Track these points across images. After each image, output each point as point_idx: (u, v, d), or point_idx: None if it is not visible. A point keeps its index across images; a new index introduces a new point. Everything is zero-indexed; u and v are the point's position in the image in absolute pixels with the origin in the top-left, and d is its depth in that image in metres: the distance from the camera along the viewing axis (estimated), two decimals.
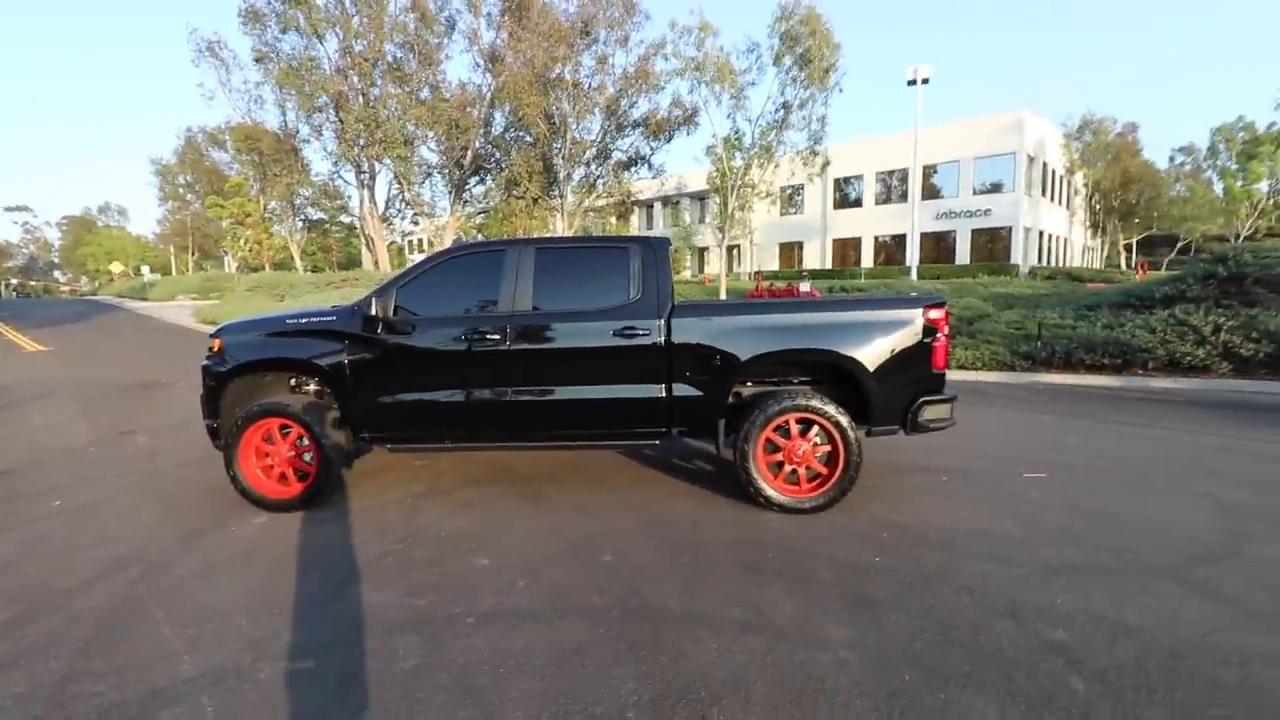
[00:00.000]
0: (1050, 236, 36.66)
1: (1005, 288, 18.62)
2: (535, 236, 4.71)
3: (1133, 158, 39.68)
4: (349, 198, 28.94)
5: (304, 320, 4.14)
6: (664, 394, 3.91)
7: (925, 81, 21.49)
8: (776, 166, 24.11)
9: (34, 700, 2.22)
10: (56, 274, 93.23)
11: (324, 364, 4.00)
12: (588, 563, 3.25)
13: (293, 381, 4.45)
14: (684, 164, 27.21)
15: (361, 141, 22.66)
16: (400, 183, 23.41)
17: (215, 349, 4.18)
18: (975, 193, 33.62)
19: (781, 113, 21.93)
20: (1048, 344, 10.37)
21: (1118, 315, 10.85)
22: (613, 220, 42.78)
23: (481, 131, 22.75)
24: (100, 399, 8.39)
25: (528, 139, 22.28)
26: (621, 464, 5.04)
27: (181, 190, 47.59)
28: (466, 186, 24.62)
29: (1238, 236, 38.19)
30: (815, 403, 3.80)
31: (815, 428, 3.87)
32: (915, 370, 3.88)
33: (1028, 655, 2.37)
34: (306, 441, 4.06)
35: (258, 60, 22.21)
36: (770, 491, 3.86)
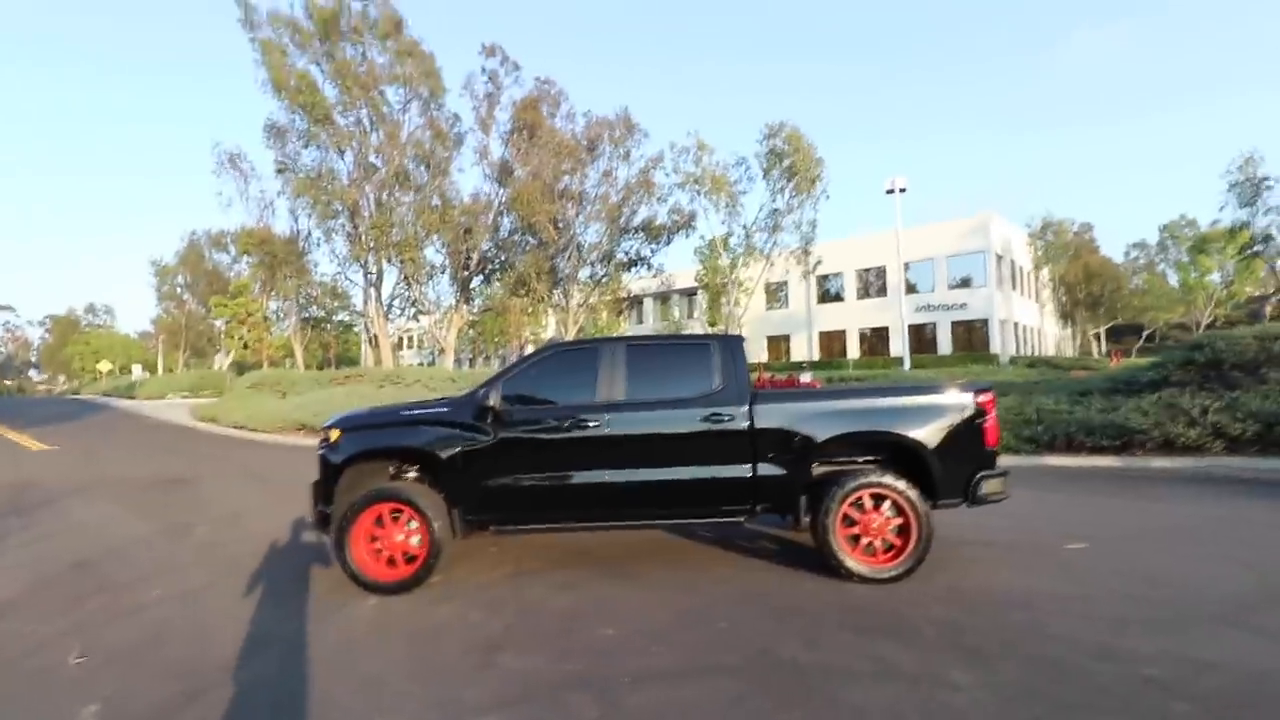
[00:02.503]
0: (1024, 327, 38.63)
1: (995, 376, 19.53)
2: (622, 335, 5.24)
3: (1092, 254, 42.77)
4: (352, 297, 29.95)
5: (418, 412, 4.55)
6: (750, 474, 4.33)
7: (903, 190, 23.68)
8: (771, 264, 25.73)
9: None
10: (32, 372, 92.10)
11: (439, 451, 4.38)
12: (706, 629, 3.53)
13: (392, 470, 4.80)
14: (676, 263, 28.85)
15: (372, 245, 23.83)
16: (409, 283, 24.44)
17: (333, 439, 4.55)
18: (951, 288, 35.70)
19: (772, 218, 23.81)
20: (1048, 428, 10.98)
21: (1110, 400, 11.57)
22: (603, 316, 44.25)
23: (489, 236, 24.15)
24: (134, 495, 8.47)
25: (533, 242, 23.69)
26: (689, 546, 5.33)
27: (179, 290, 48.68)
28: (470, 285, 25.73)
29: (1198, 324, 40.49)
30: (888, 479, 4.24)
31: (887, 502, 4.28)
32: (971, 448, 4.37)
33: (1132, 688, 2.72)
34: (415, 525, 4.36)
35: (279, 172, 23.77)
36: (851, 563, 4.21)
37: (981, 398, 4.43)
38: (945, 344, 35.67)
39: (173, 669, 3.24)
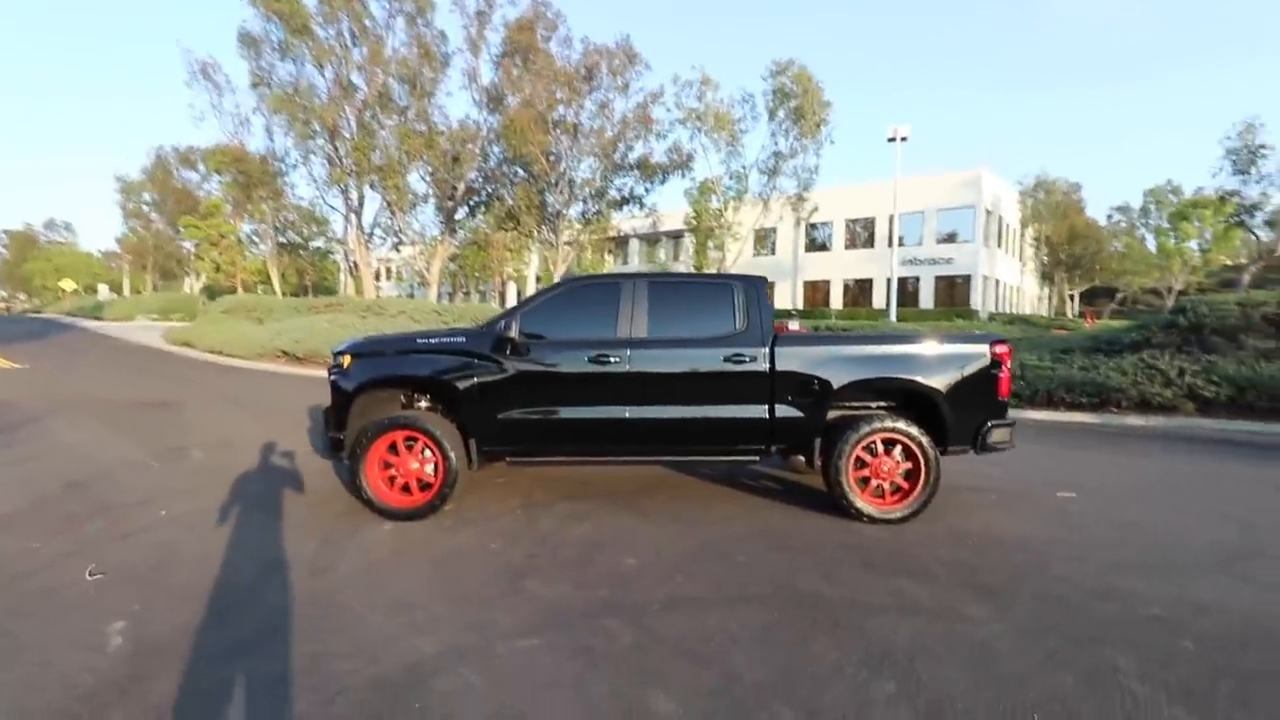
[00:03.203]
0: (1005, 285, 39.07)
1: (979, 331, 19.82)
2: (643, 272, 5.14)
3: (1078, 215, 42.95)
4: (331, 223, 28.92)
5: (434, 340, 4.45)
6: (768, 415, 4.36)
7: (904, 139, 23.25)
8: (767, 209, 25.41)
9: (305, 676, 2.45)
10: None
11: (456, 382, 4.31)
12: (725, 562, 3.62)
13: (403, 398, 4.74)
14: (665, 204, 28.27)
15: (353, 169, 22.83)
16: (392, 210, 23.58)
17: (345, 365, 4.45)
18: (938, 242, 35.74)
19: (773, 160, 23.31)
20: (1030, 384, 11.26)
21: (1091, 358, 11.86)
22: (588, 255, 43.58)
23: (476, 165, 23.25)
24: (118, 417, 8.28)
25: (523, 174, 22.90)
26: (693, 483, 5.41)
27: (146, 209, 46.38)
28: (455, 217, 24.95)
29: (1170, 290, 41.39)
30: (901, 424, 4.31)
31: (899, 447, 4.37)
32: (984, 398, 4.45)
33: (1138, 626, 2.87)
34: (429, 454, 4.34)
35: (255, 85, 22.35)
36: (860, 504, 4.32)
37: (998, 349, 4.47)
38: (927, 298, 35.98)
39: (191, 590, 3.22)
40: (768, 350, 4.36)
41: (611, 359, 4.33)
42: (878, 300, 37.18)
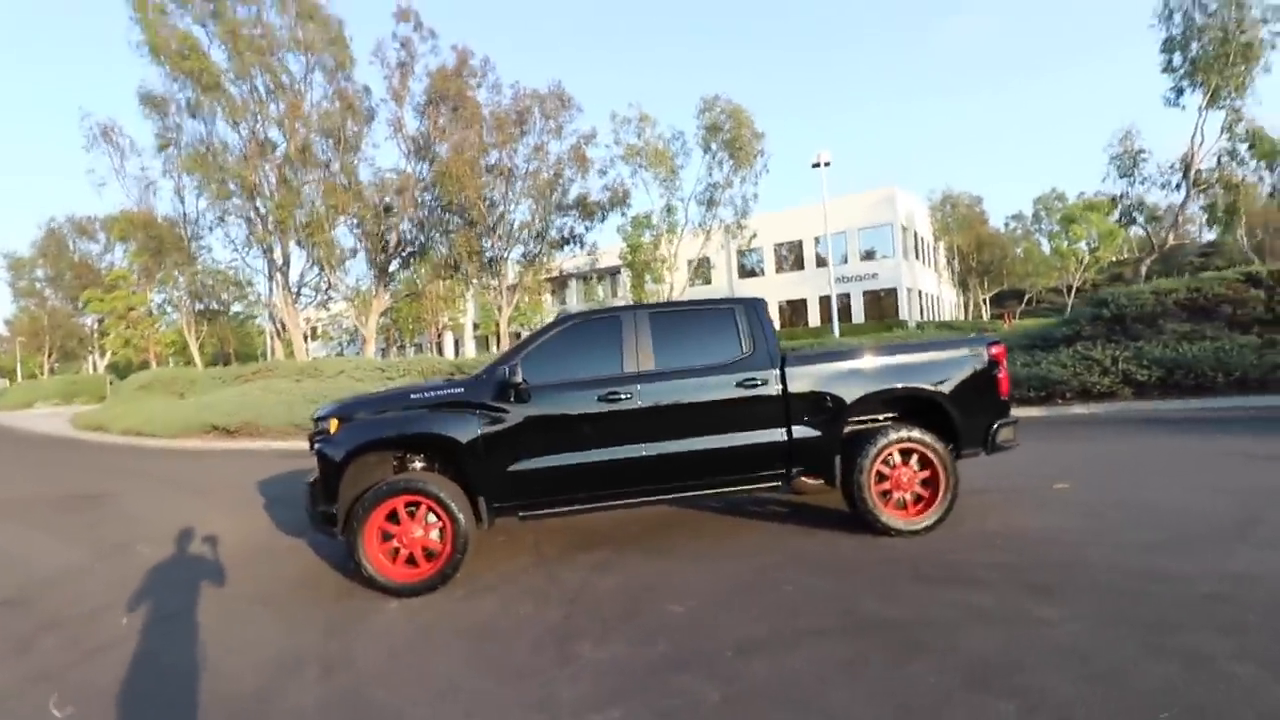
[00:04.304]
0: (927, 295, 41.32)
1: (917, 338, 20.74)
2: (640, 303, 5.00)
3: (982, 225, 46.30)
4: (254, 285, 27.43)
5: (430, 395, 4.14)
6: (786, 437, 4.27)
7: (827, 164, 24.48)
8: (708, 239, 26.02)
9: None
10: None
11: (459, 437, 4.01)
12: (774, 594, 3.46)
13: (394, 461, 4.39)
14: (601, 241, 28.51)
15: (274, 228, 21.84)
16: (322, 267, 22.59)
17: (331, 430, 4.06)
18: (861, 259, 37.53)
19: (709, 191, 23.99)
20: None
21: (1030, 355, 12.55)
22: (525, 298, 43.19)
23: (409, 215, 22.70)
24: (42, 516, 7.33)
25: (459, 221, 22.50)
26: (702, 517, 5.23)
27: (39, 285, 42.52)
28: (389, 270, 24.17)
29: (1070, 288, 44.87)
30: (917, 433, 4.32)
31: (915, 456, 4.37)
32: (988, 399, 4.53)
33: (1200, 605, 2.91)
34: (433, 519, 4.00)
35: (162, 148, 21.12)
36: (887, 518, 4.26)
37: (994, 350, 4.58)
38: (859, 313, 37.55)
39: (188, 710, 2.77)
40: (778, 371, 4.30)
41: (622, 395, 4.15)
42: (812, 319, 38.47)
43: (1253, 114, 24.25)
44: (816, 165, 24.02)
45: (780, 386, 4.28)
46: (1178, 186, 26.79)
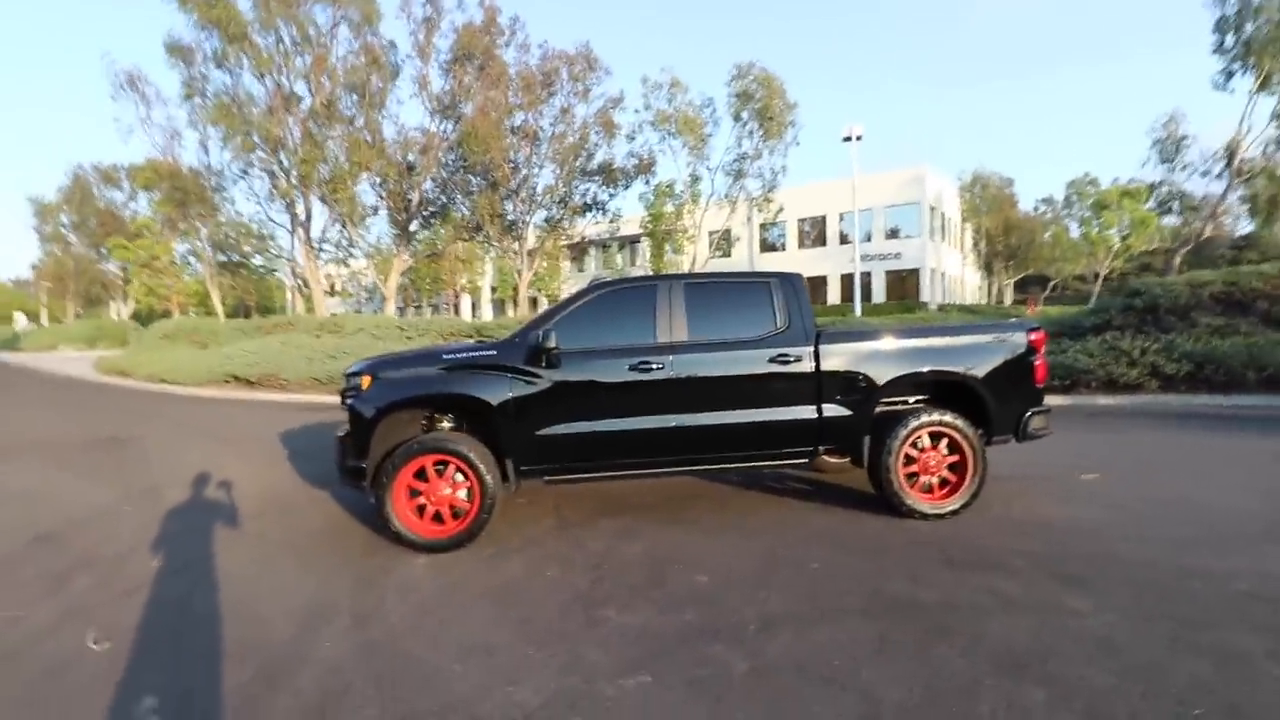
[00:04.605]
0: (950, 277, 40.61)
1: (943, 320, 20.45)
2: (677, 273, 4.96)
3: (1012, 208, 45.15)
4: (277, 239, 27.52)
5: (463, 355, 4.14)
6: (816, 415, 4.24)
7: (859, 138, 23.87)
8: (734, 211, 25.67)
9: None
10: None
11: (490, 399, 4.02)
12: (800, 571, 3.47)
13: (424, 419, 4.42)
14: (623, 208, 28.21)
15: (298, 182, 21.77)
16: (344, 223, 22.58)
17: (364, 386, 4.09)
18: (886, 238, 36.86)
19: (739, 163, 23.58)
20: None
21: (1057, 343, 12.33)
22: (542, 264, 43.07)
23: (432, 174, 22.52)
24: (71, 458, 7.52)
25: (482, 183, 22.29)
26: (723, 490, 5.25)
27: (65, 231, 43.01)
28: (410, 228, 24.11)
29: (1096, 276, 43.86)
30: (948, 417, 4.26)
31: (944, 440, 4.32)
32: (1023, 386, 4.45)
33: (1235, 602, 2.87)
34: (461, 478, 4.03)
35: (187, 97, 21.02)
36: (912, 501, 4.24)
37: (1034, 336, 4.48)
38: (879, 292, 37.06)
39: (222, 652, 2.83)
40: (812, 349, 4.25)
41: (654, 366, 4.12)
42: (831, 296, 38.02)
43: None
44: (848, 139, 23.44)
45: (814, 364, 4.23)
46: (1219, 175, 25.90)
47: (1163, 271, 25.69)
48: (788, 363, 4.21)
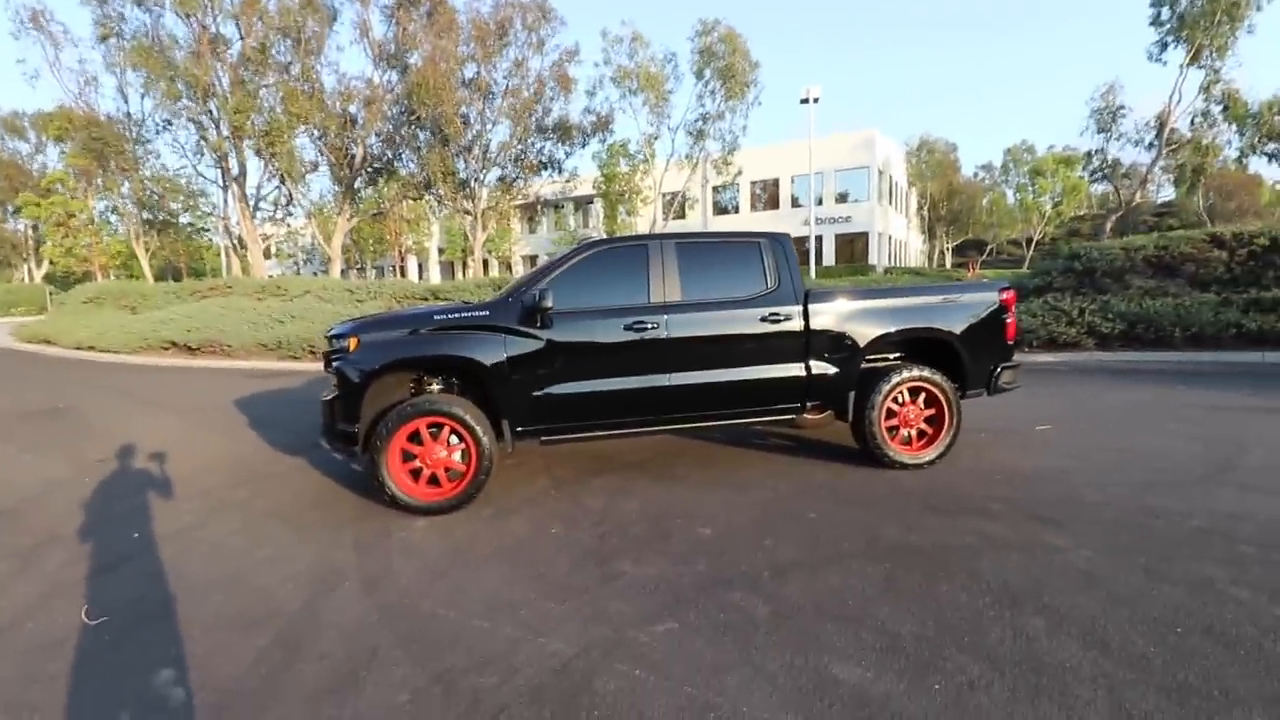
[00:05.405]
0: (896, 240, 41.75)
1: (891, 282, 21.11)
2: (667, 232, 4.87)
3: (955, 174, 46.50)
4: (206, 195, 25.73)
5: (455, 316, 4.04)
6: (804, 372, 4.36)
7: (816, 100, 23.90)
8: (693, 171, 25.48)
9: (449, 700, 2.17)
10: None
11: (485, 360, 3.95)
12: (799, 522, 3.61)
13: (412, 381, 4.32)
14: (580, 169, 27.59)
15: (229, 134, 20.30)
16: (283, 179, 21.25)
17: (352, 348, 3.95)
18: (837, 201, 37.46)
19: (701, 122, 23.31)
20: None
21: None
22: (492, 225, 41.96)
23: (377, 128, 21.36)
24: (10, 430, 7.04)
25: (431, 139, 21.30)
26: (709, 447, 5.37)
27: None
28: (355, 186, 22.92)
29: (1030, 241, 45.94)
30: (927, 373, 4.47)
31: (923, 394, 4.53)
32: (995, 342, 4.69)
33: (1195, 537, 3.17)
34: (456, 440, 3.99)
35: (103, 38, 19.06)
36: (893, 452, 4.45)
37: (1004, 295, 4.70)
38: (829, 255, 37.83)
39: (231, 622, 2.76)
40: (801, 308, 4.34)
41: (649, 325, 4.14)
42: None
43: (1231, 76, 24.62)
44: (805, 100, 23.47)
45: (803, 322, 4.34)
46: (1150, 145, 27.30)
47: (1092, 236, 27.18)
48: (778, 322, 4.30)
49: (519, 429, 4.12)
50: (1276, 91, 24.84)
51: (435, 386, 4.30)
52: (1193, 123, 25.93)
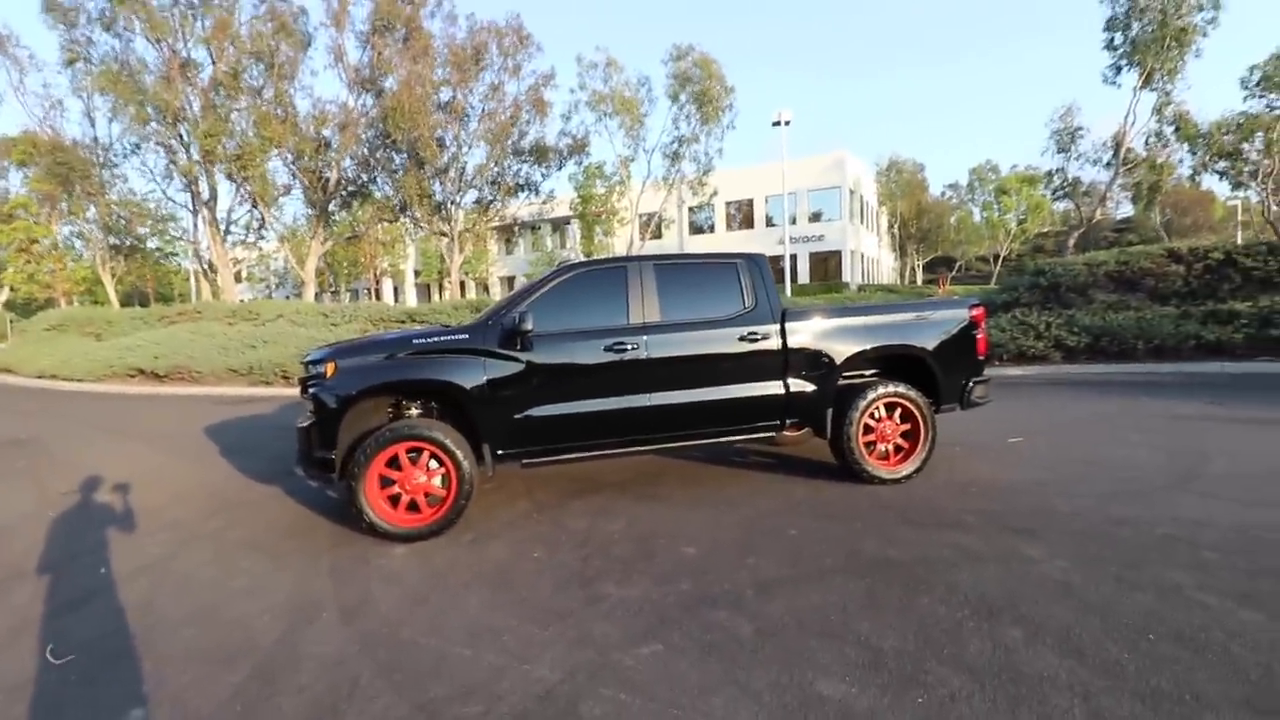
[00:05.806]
0: (868, 258, 42.61)
1: (865, 300, 21.49)
2: (645, 254, 4.90)
3: (923, 192, 47.82)
4: (176, 219, 25.27)
5: (434, 339, 4.03)
6: (783, 390, 4.42)
7: (788, 123, 24.48)
8: (670, 193, 25.83)
9: None
10: None
11: (465, 383, 3.94)
12: (780, 539, 3.64)
13: (390, 406, 4.29)
14: (556, 191, 27.80)
15: (200, 158, 20.05)
16: (255, 202, 20.99)
17: (328, 374, 3.91)
18: (810, 221, 38.19)
19: (677, 144, 23.71)
20: None
21: None
22: (471, 247, 41.92)
23: (352, 152, 21.28)
24: None
25: (406, 161, 21.28)
26: (689, 466, 5.39)
27: None
28: (329, 209, 22.74)
29: (997, 257, 47.20)
30: (903, 389, 4.56)
31: (899, 410, 4.62)
32: (967, 357, 4.81)
33: (1161, 544, 3.27)
34: (435, 465, 3.96)
35: (69, 62, 18.78)
36: (871, 467, 4.52)
37: (974, 311, 4.84)
38: (804, 273, 38.44)
39: (205, 657, 2.68)
40: (779, 327, 4.41)
41: (629, 346, 4.17)
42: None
43: (1181, 98, 25.80)
44: (777, 123, 24.04)
45: (781, 341, 4.41)
46: (1108, 164, 28.39)
47: (1055, 252, 28.07)
48: (756, 340, 4.36)
49: (500, 452, 4.10)
50: (1224, 112, 26.10)
51: (414, 411, 4.27)
52: (1147, 143, 27.14)
